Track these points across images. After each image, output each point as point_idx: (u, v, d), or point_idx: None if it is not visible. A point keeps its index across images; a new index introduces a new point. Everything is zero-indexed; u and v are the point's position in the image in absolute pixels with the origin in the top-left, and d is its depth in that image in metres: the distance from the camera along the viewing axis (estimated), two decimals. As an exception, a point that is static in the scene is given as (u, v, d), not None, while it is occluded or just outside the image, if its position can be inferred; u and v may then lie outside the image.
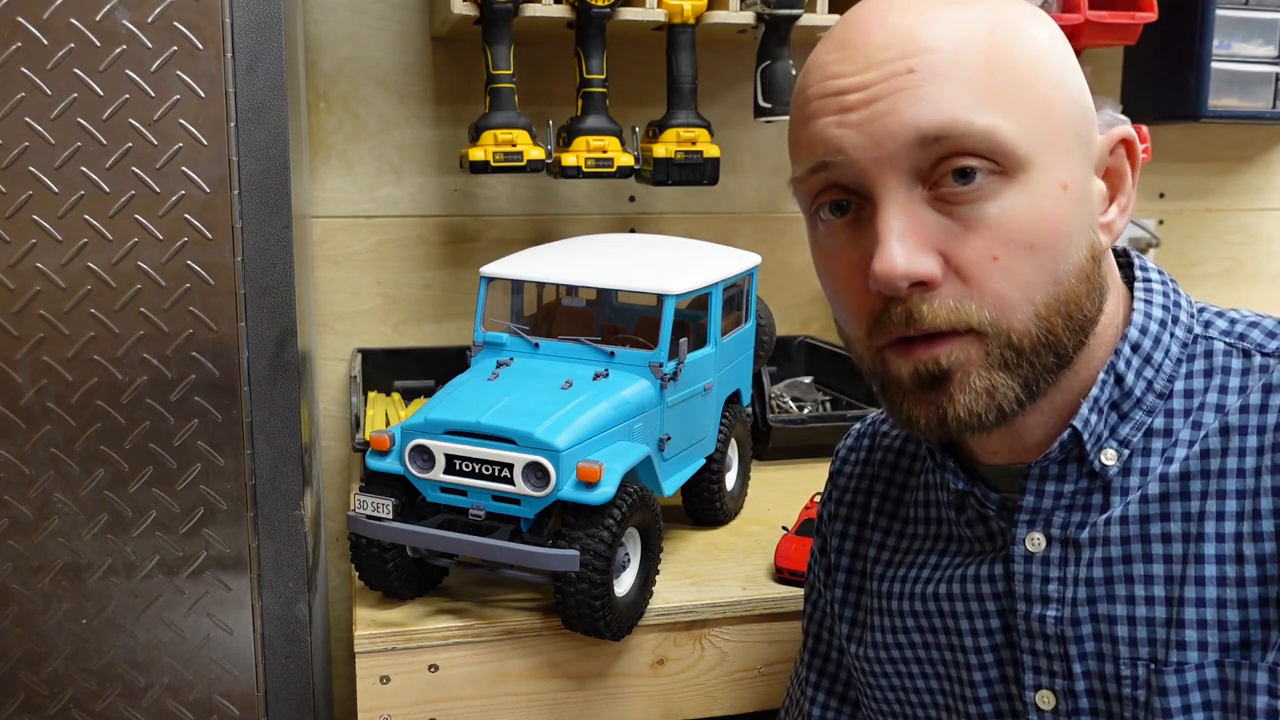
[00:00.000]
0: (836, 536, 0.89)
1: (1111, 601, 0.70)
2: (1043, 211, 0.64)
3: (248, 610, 1.05)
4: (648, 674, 1.05)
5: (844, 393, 1.61)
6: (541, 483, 0.94)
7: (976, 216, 0.64)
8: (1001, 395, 0.66)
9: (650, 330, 1.08)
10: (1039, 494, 0.72)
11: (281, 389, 1.03)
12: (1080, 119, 0.68)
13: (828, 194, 0.69)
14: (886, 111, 0.64)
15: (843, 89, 0.66)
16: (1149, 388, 0.71)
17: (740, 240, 1.70)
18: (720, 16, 1.43)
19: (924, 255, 0.64)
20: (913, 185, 0.65)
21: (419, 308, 1.65)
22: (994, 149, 0.63)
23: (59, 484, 0.99)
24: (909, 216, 0.65)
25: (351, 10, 1.56)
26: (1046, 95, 0.65)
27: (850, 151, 0.65)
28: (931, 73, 0.63)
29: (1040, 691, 0.73)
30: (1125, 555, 0.70)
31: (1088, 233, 0.67)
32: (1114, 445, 0.71)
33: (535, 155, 1.40)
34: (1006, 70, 0.64)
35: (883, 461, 0.89)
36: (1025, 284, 0.65)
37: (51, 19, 0.93)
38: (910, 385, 0.68)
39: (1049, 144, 0.65)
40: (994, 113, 0.63)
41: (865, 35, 0.66)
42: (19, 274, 0.96)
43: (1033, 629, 0.73)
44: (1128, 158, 0.71)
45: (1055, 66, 0.67)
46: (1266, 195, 2.02)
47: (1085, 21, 1.52)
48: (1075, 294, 0.67)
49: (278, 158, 0.99)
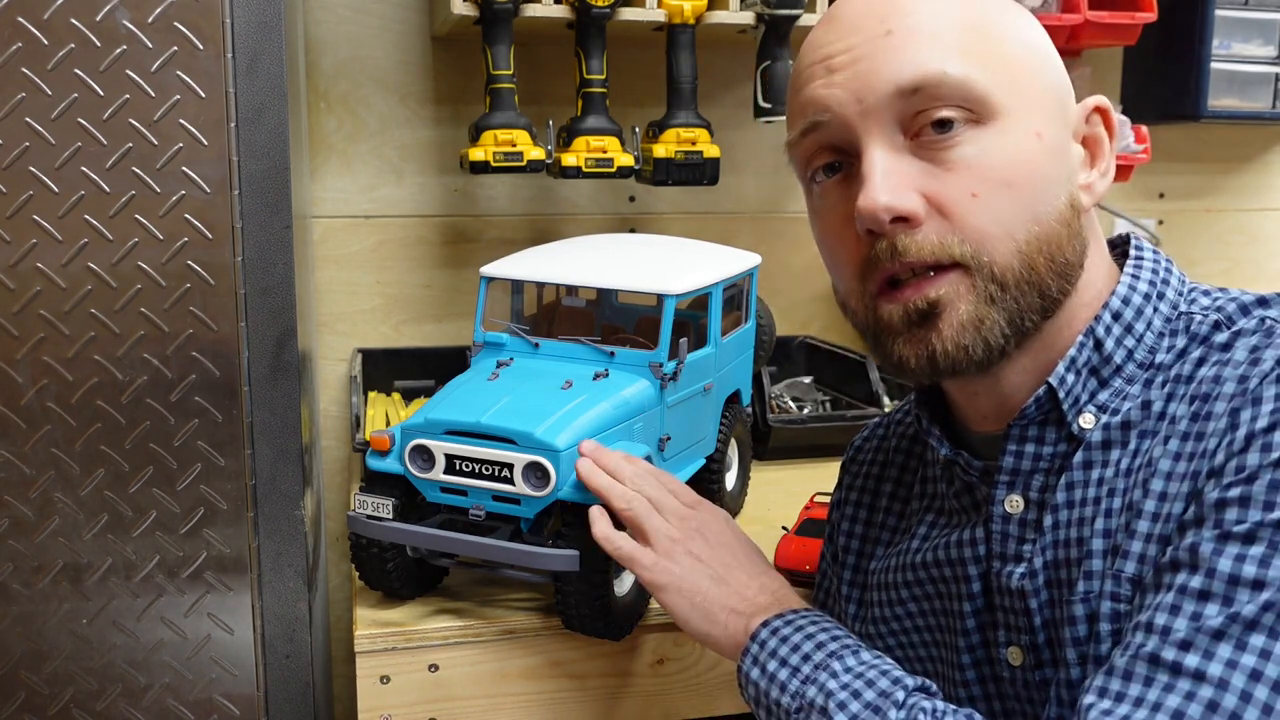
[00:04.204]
0: (846, 520, 0.92)
1: (1056, 547, 0.72)
2: (1019, 153, 0.69)
3: (248, 610, 1.05)
4: (648, 674, 1.05)
5: (844, 393, 1.61)
6: (541, 483, 0.94)
7: (956, 158, 0.69)
8: (987, 329, 0.70)
9: (650, 330, 1.08)
10: (1018, 455, 0.74)
11: (281, 389, 1.03)
12: (1054, 85, 0.73)
13: (820, 156, 0.74)
14: (868, 70, 0.70)
15: (829, 54, 0.72)
16: (1129, 356, 0.73)
17: (740, 240, 1.70)
18: (720, 16, 1.43)
19: (906, 192, 0.69)
20: (895, 134, 0.70)
21: (419, 308, 1.65)
22: (969, 97, 0.68)
23: (59, 484, 0.99)
24: (892, 160, 0.70)
25: (351, 10, 1.56)
26: (1018, 56, 0.71)
27: (836, 108, 0.71)
28: (908, 33, 0.70)
29: (1010, 648, 0.75)
30: (1068, 501, 0.72)
31: (1066, 184, 0.72)
32: (1092, 410, 0.72)
33: (535, 155, 1.40)
34: (981, 30, 0.70)
35: (896, 448, 0.91)
36: (1004, 219, 0.69)
37: (51, 19, 0.93)
38: (900, 325, 0.71)
39: (1021, 96, 0.70)
40: (967, 65, 0.69)
41: (850, 8, 0.73)
42: (19, 274, 0.96)
43: (1001, 585, 0.75)
44: (1104, 125, 0.75)
45: (1028, 36, 0.73)
46: (1266, 195, 2.02)
47: (1085, 21, 1.52)
48: (1056, 235, 0.70)
49: (278, 158, 0.99)
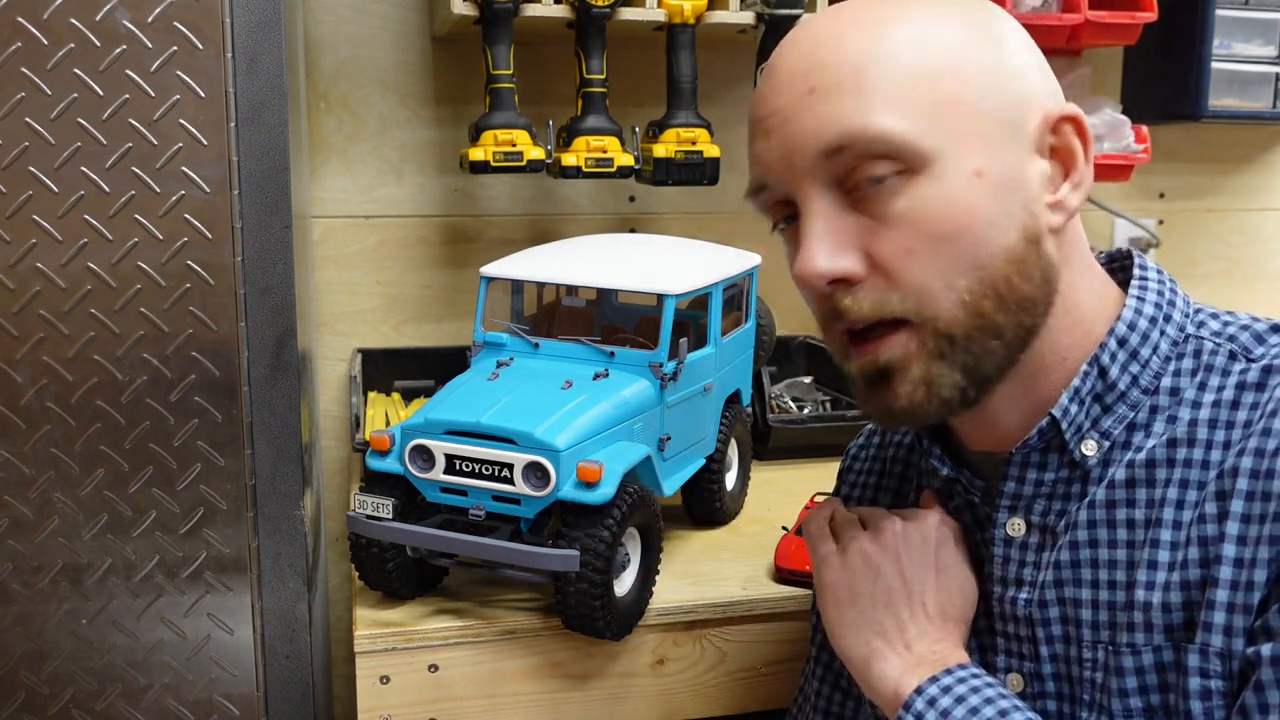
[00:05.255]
0: None
1: (1077, 585, 0.71)
2: (955, 201, 0.67)
3: (248, 610, 1.05)
4: (648, 674, 1.05)
5: (844, 393, 1.61)
6: (541, 483, 0.94)
7: (890, 213, 0.68)
8: (939, 385, 0.69)
9: (650, 330, 1.08)
10: (1020, 480, 0.74)
11: (281, 389, 1.03)
12: (1002, 105, 0.69)
13: (775, 210, 0.74)
14: (795, 132, 0.69)
15: (764, 114, 0.72)
16: (1134, 382, 0.72)
17: (740, 240, 1.69)
18: (720, 16, 1.43)
19: (844, 254, 0.68)
20: (831, 192, 0.69)
21: (419, 308, 1.65)
22: (893, 150, 0.67)
23: (59, 484, 0.99)
24: (828, 220, 0.69)
25: (351, 10, 1.56)
26: (952, 91, 0.68)
27: (773, 170, 0.71)
28: (828, 90, 0.68)
29: (1010, 674, 0.75)
30: (1091, 539, 0.71)
31: (1018, 215, 0.69)
32: (1095, 437, 0.72)
33: (535, 155, 1.40)
34: (904, 73, 0.67)
35: (893, 457, 0.90)
36: (943, 272, 0.67)
37: (51, 19, 0.93)
38: (861, 383, 0.72)
39: (955, 137, 0.67)
40: (891, 116, 0.66)
41: (782, 61, 0.72)
42: (19, 274, 0.96)
43: (1005, 611, 0.75)
44: (1077, 135, 0.71)
45: (964, 61, 0.68)
46: (1266, 195, 2.02)
47: (1085, 21, 1.52)
48: (1004, 275, 0.68)
49: (278, 158, 0.99)
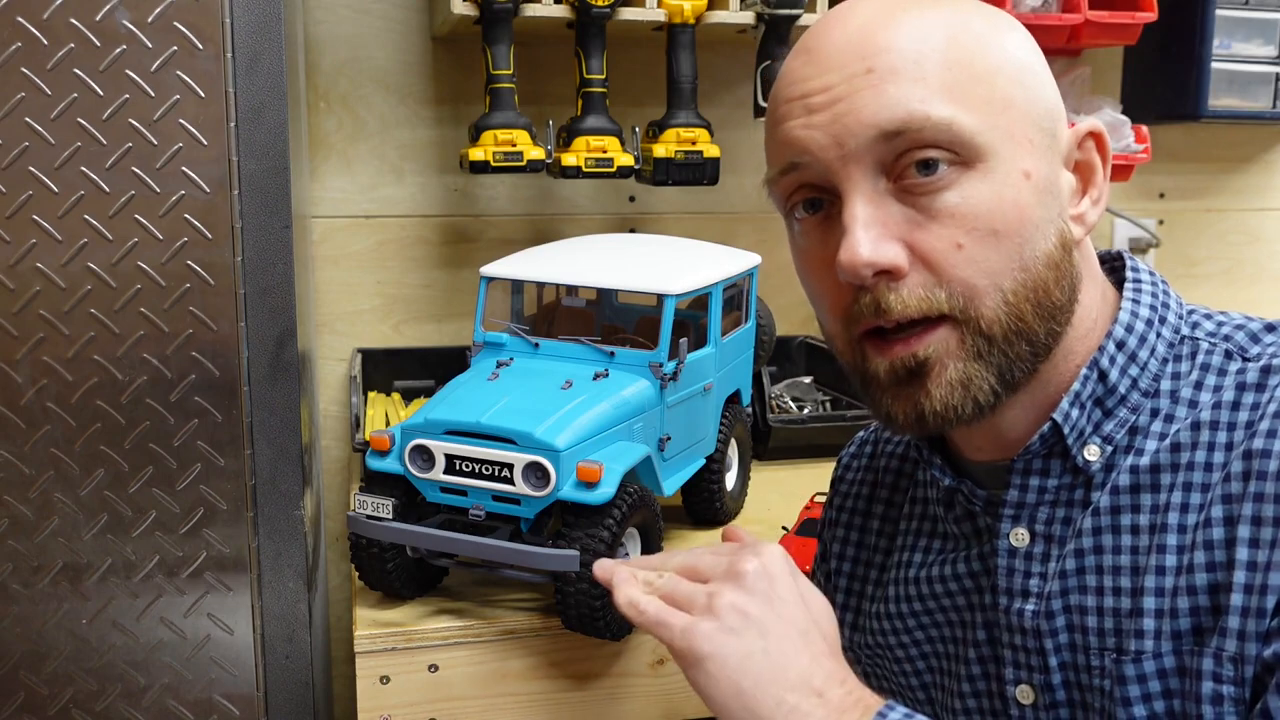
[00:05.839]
0: (838, 543, 0.90)
1: (1083, 593, 0.71)
2: (1005, 199, 0.66)
3: (248, 610, 1.05)
4: (648, 674, 1.05)
5: (844, 393, 1.61)
6: (541, 483, 0.94)
7: (940, 206, 0.66)
8: (976, 387, 0.67)
9: (650, 330, 1.08)
10: (1023, 488, 0.73)
11: (281, 389, 1.03)
12: (1045, 115, 0.69)
13: (800, 193, 0.71)
14: (848, 111, 0.66)
15: (807, 92, 0.68)
16: (1134, 385, 0.71)
17: (740, 240, 1.70)
18: (720, 16, 1.43)
19: (888, 244, 0.66)
20: (877, 179, 0.67)
21: (419, 308, 1.65)
22: (953, 139, 0.65)
23: (59, 484, 0.99)
24: (874, 208, 0.66)
25: (351, 10, 1.56)
26: (1005, 91, 0.67)
27: (816, 151, 0.67)
28: (889, 71, 0.66)
29: (1020, 686, 0.74)
30: (1096, 546, 0.70)
31: (1056, 221, 0.68)
32: (1097, 441, 0.71)
33: (535, 155, 1.40)
34: (963, 66, 0.66)
35: (885, 468, 0.89)
36: (991, 270, 0.66)
37: (51, 19, 0.93)
38: (888, 382, 0.69)
39: (1009, 135, 0.67)
40: (951, 105, 0.65)
41: (828, 40, 0.69)
42: (19, 274, 0.96)
43: (1012, 623, 0.73)
44: (1098, 151, 0.72)
45: (1014, 64, 0.68)
46: (1266, 195, 2.02)
47: (1085, 21, 1.52)
48: (1043, 281, 0.67)
49: (278, 158, 0.99)
